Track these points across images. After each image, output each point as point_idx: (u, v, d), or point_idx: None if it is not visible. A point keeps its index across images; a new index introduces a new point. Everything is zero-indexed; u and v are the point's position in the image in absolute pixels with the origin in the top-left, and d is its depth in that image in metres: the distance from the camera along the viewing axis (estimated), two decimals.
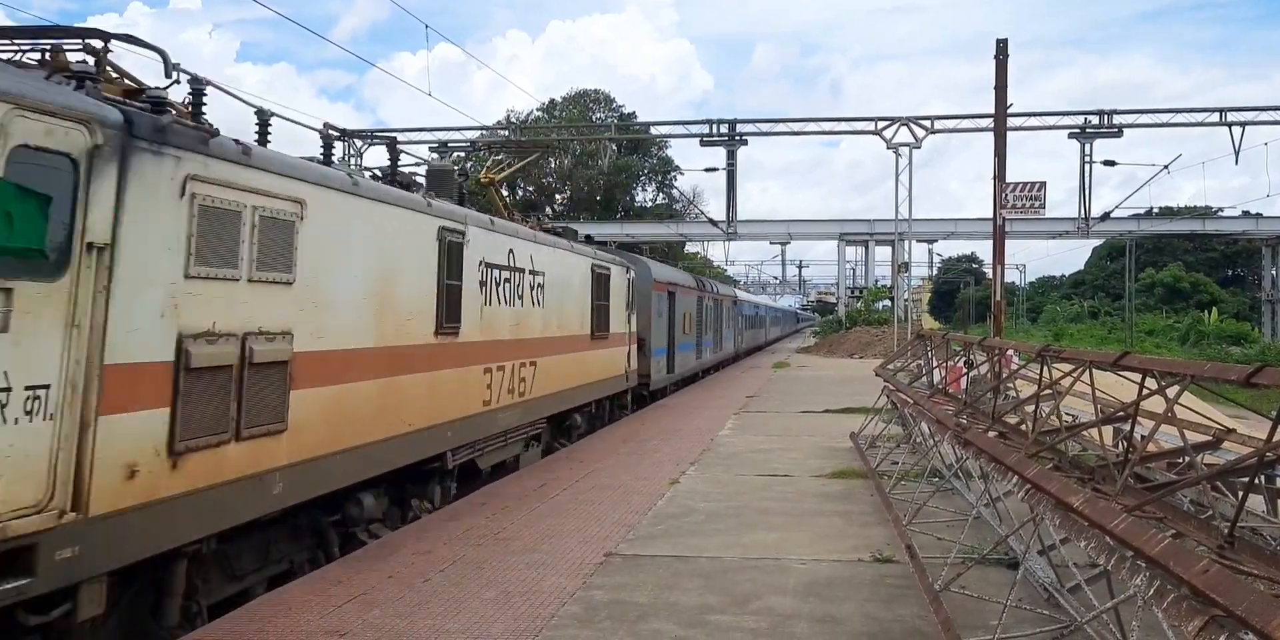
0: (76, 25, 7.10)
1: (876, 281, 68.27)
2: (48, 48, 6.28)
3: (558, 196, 76.20)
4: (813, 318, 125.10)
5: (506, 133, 69.88)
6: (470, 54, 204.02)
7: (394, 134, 55.37)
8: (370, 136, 54.35)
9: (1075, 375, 7.48)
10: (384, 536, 9.07)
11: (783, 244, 77.47)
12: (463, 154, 64.95)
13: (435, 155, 56.41)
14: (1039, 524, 6.33)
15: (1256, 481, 5.47)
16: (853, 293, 70.48)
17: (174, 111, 6.23)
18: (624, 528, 9.59)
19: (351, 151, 49.22)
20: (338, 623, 6.47)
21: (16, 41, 6.38)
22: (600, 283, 17.77)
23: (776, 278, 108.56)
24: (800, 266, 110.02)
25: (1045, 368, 8.13)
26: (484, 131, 64.25)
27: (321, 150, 9.33)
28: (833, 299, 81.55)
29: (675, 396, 25.62)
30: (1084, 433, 8.47)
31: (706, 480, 12.43)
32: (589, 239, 19.60)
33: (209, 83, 6.88)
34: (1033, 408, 8.74)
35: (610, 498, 11.16)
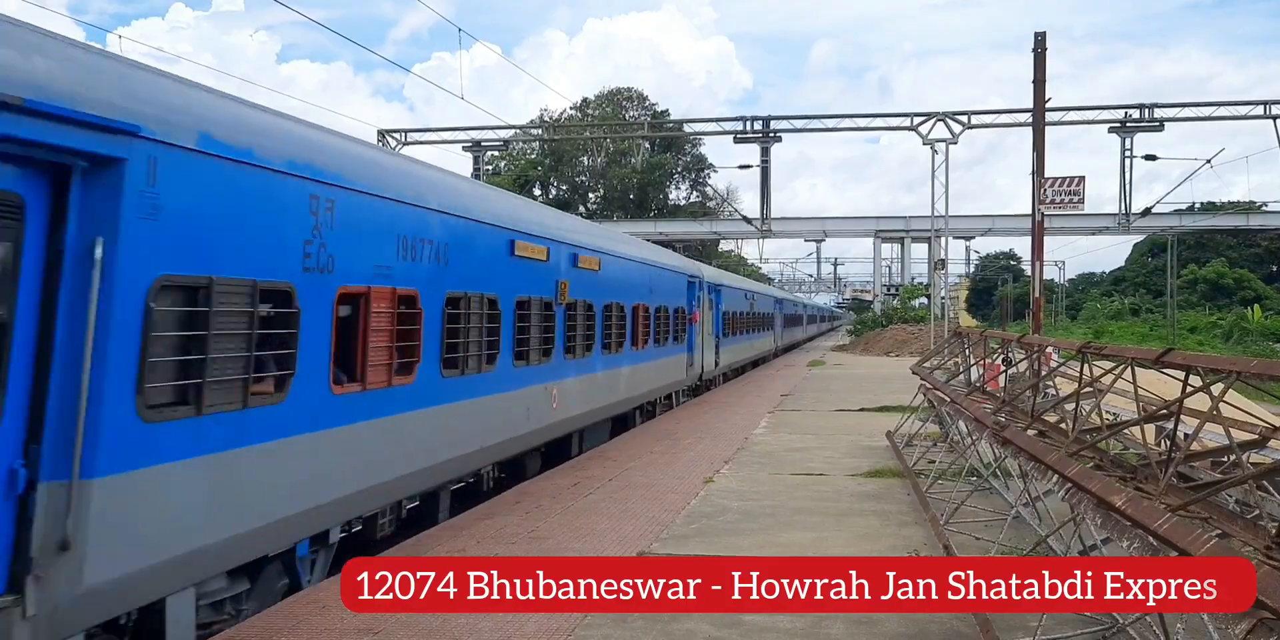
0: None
1: (913, 279, 67.72)
2: None
3: (591, 195, 76.34)
4: (844, 315, 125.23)
5: (539, 131, 70.11)
6: (501, 55, 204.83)
7: (429, 133, 55.65)
8: (405, 135, 54.55)
9: (1117, 373, 7.34)
10: (414, 537, 9.10)
11: (818, 241, 77.14)
12: (495, 153, 65.01)
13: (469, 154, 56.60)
14: (1080, 524, 6.22)
15: None
16: (889, 290, 70.00)
17: None
18: (658, 526, 9.55)
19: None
20: (370, 621, 6.47)
21: None
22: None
23: (811, 275, 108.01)
24: (835, 264, 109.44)
25: (1086, 365, 7.99)
26: (517, 131, 64.48)
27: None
28: (868, 296, 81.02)
29: (712, 393, 26.01)
30: (1126, 431, 8.32)
31: (741, 479, 12.36)
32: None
33: None
34: (1073, 406, 8.60)
35: (644, 496, 11.13)
